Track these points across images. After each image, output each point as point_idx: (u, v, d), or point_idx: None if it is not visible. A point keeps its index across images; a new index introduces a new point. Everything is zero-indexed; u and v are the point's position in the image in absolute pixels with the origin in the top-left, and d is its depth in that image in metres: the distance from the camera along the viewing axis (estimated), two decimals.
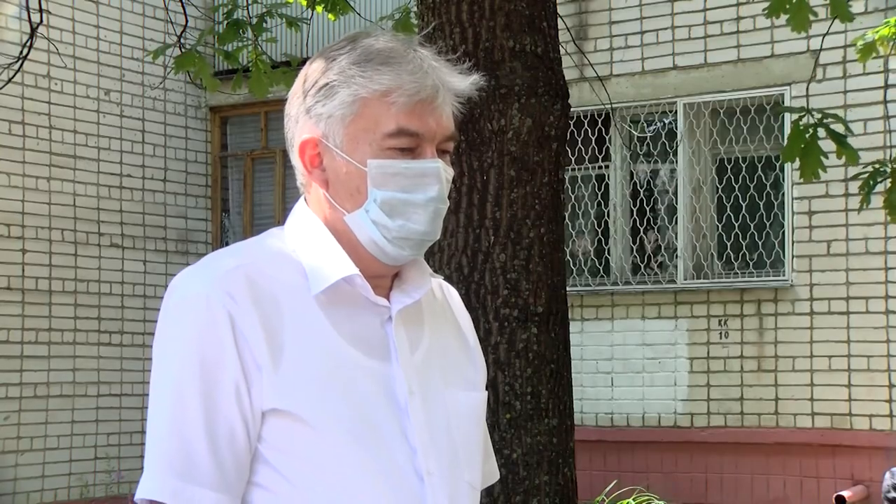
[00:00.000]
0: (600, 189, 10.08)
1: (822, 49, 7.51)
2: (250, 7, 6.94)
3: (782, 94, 9.28)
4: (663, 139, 9.90)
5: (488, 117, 4.33)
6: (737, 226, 9.57)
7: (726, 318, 9.43)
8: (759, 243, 9.53)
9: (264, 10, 6.86)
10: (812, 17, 5.54)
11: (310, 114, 1.80)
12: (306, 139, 1.80)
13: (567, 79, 4.69)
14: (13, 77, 7.48)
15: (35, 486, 10.03)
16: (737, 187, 9.59)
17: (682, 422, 9.51)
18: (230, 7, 6.70)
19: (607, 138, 10.03)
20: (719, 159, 9.79)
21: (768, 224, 9.48)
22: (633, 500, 8.46)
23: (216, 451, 1.69)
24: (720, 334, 9.44)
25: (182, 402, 1.70)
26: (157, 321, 1.77)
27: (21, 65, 7.02)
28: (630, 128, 10.04)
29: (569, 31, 8.13)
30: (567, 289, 4.59)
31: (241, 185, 11.94)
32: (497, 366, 4.27)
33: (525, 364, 4.30)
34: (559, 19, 4.80)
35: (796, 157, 5.46)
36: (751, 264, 9.54)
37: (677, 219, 9.68)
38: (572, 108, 4.72)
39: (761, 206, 9.48)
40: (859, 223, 8.91)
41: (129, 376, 10.71)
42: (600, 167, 10.09)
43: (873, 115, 8.92)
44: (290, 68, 6.68)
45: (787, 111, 5.91)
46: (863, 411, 8.91)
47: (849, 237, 9.00)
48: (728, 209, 9.59)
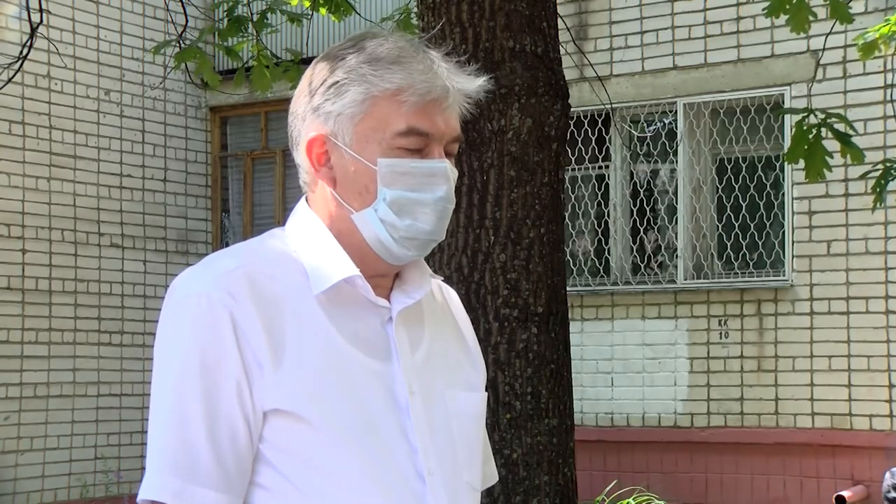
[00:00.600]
0: (600, 189, 10.08)
1: (823, 49, 7.51)
2: (251, 4, 6.93)
3: (782, 94, 9.27)
4: (663, 139, 9.90)
5: (488, 117, 4.32)
6: (737, 226, 9.56)
7: (726, 318, 9.43)
8: (759, 243, 9.53)
9: (265, 6, 6.85)
10: (812, 18, 5.54)
11: (318, 112, 1.79)
12: (314, 137, 1.80)
13: (567, 79, 4.68)
14: (13, 77, 7.48)
15: (35, 486, 10.03)
16: (737, 187, 9.59)
17: (682, 422, 9.51)
18: (231, 4, 6.69)
19: (607, 138, 10.03)
20: (719, 159, 9.78)
21: (768, 224, 9.47)
22: (633, 500, 8.46)
23: (218, 451, 1.69)
24: (720, 334, 9.44)
25: (183, 402, 1.70)
26: (157, 321, 1.77)
27: (21, 65, 7.02)
28: (630, 128, 10.04)
29: (569, 31, 8.12)
30: (567, 289, 4.58)
31: (241, 185, 11.94)
32: (497, 366, 4.27)
33: (525, 364, 4.30)
34: (559, 19, 4.80)
35: (800, 158, 5.44)
36: (751, 264, 9.54)
37: (677, 219, 9.67)
38: (572, 108, 4.72)
39: (761, 206, 9.48)
40: (859, 223, 8.91)
41: (129, 376, 10.71)
42: (600, 167, 10.09)
43: (873, 115, 8.92)
44: (292, 64, 6.66)
45: (790, 112, 5.90)
46: (863, 411, 8.91)
47: (849, 237, 8.99)
48: (728, 209, 9.59)
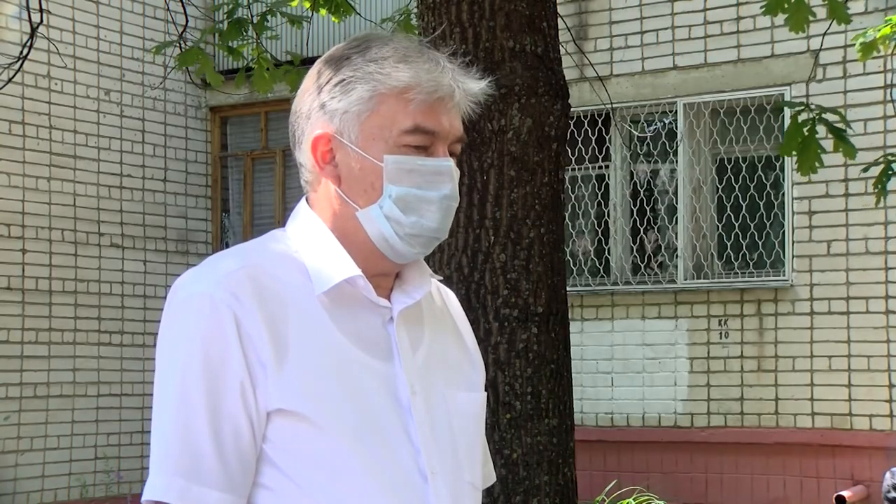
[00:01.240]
0: (600, 189, 10.08)
1: (822, 49, 7.51)
2: (251, 6, 6.93)
3: (782, 94, 9.27)
4: (663, 139, 9.90)
5: (488, 117, 4.32)
6: (737, 226, 9.56)
7: (726, 318, 9.43)
8: (759, 243, 9.53)
9: (266, 8, 6.85)
10: (812, 18, 5.54)
11: (324, 109, 1.79)
12: (319, 135, 1.80)
13: (567, 79, 4.68)
14: (13, 77, 7.48)
15: (35, 486, 10.03)
16: (737, 187, 9.59)
17: (682, 422, 9.51)
18: (231, 6, 6.69)
19: (607, 138, 10.03)
20: (719, 159, 9.79)
21: (768, 224, 9.47)
22: (633, 500, 8.46)
23: (222, 451, 1.69)
24: (720, 334, 9.44)
25: (187, 401, 1.70)
26: (157, 321, 1.77)
27: (21, 65, 7.02)
28: (630, 128, 10.03)
29: (569, 31, 8.12)
30: (567, 289, 4.58)
31: (241, 185, 11.94)
32: (497, 366, 4.27)
33: (525, 364, 4.30)
34: (559, 19, 4.79)
35: (793, 151, 5.47)
36: (751, 264, 9.54)
37: (677, 219, 9.68)
38: (572, 108, 4.72)
39: (761, 206, 9.48)
40: (859, 223, 8.91)
41: (129, 376, 10.71)
42: (600, 167, 10.09)
43: (873, 115, 8.92)
44: (292, 66, 6.66)
45: (789, 106, 5.92)
46: (863, 411, 8.91)
47: (849, 237, 8.99)
48: (728, 209, 9.59)
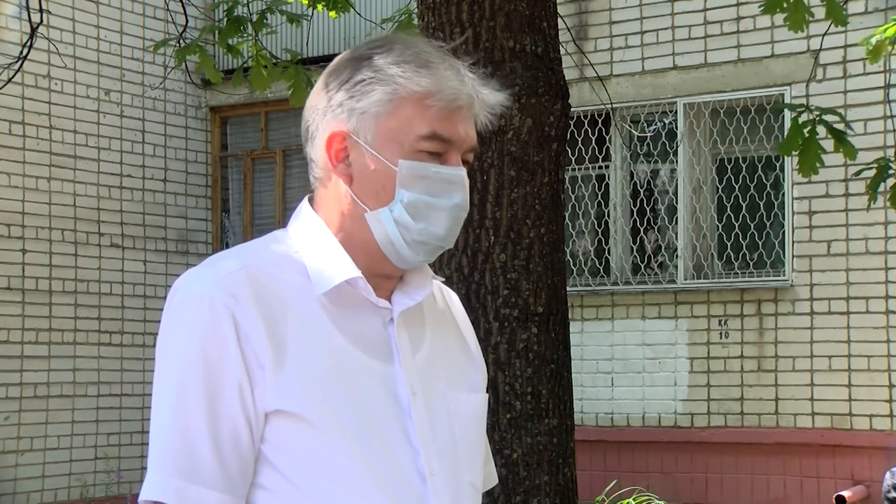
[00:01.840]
0: (600, 189, 10.07)
1: (822, 49, 7.50)
2: (250, 4, 6.94)
3: (782, 94, 9.27)
4: (663, 139, 9.90)
5: None
6: (737, 226, 9.56)
7: (726, 318, 9.43)
8: (759, 243, 9.53)
9: (265, 6, 6.86)
10: (812, 18, 5.54)
11: (341, 107, 1.79)
12: (334, 132, 1.79)
13: (567, 79, 4.69)
14: (13, 77, 7.48)
15: (35, 486, 10.03)
16: (737, 187, 9.59)
17: (682, 422, 9.51)
18: (231, 4, 6.69)
19: (607, 138, 10.03)
20: (719, 159, 9.78)
21: (768, 224, 9.47)
22: (633, 500, 8.46)
23: (220, 452, 1.69)
24: (720, 334, 9.44)
25: (185, 402, 1.70)
26: (157, 321, 1.77)
27: (21, 65, 7.02)
28: (630, 128, 10.03)
29: (569, 31, 8.12)
30: (567, 289, 4.58)
31: (241, 185, 11.94)
32: (497, 366, 4.27)
33: (525, 364, 4.30)
34: (559, 19, 4.80)
35: (793, 151, 5.47)
36: (751, 264, 9.54)
37: (677, 219, 9.67)
38: (572, 108, 4.72)
39: (761, 206, 9.47)
40: (859, 223, 8.91)
41: (129, 376, 10.71)
42: (600, 167, 10.08)
43: (873, 115, 8.92)
44: (290, 64, 6.66)
45: (789, 108, 5.93)
46: (863, 411, 8.91)
47: (849, 237, 8.99)
48: (728, 209, 9.58)
